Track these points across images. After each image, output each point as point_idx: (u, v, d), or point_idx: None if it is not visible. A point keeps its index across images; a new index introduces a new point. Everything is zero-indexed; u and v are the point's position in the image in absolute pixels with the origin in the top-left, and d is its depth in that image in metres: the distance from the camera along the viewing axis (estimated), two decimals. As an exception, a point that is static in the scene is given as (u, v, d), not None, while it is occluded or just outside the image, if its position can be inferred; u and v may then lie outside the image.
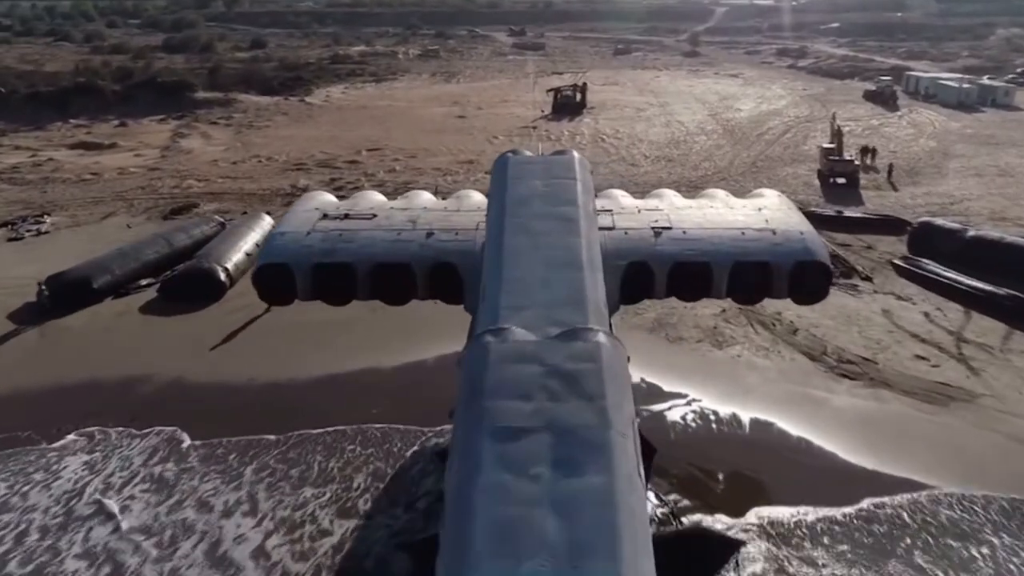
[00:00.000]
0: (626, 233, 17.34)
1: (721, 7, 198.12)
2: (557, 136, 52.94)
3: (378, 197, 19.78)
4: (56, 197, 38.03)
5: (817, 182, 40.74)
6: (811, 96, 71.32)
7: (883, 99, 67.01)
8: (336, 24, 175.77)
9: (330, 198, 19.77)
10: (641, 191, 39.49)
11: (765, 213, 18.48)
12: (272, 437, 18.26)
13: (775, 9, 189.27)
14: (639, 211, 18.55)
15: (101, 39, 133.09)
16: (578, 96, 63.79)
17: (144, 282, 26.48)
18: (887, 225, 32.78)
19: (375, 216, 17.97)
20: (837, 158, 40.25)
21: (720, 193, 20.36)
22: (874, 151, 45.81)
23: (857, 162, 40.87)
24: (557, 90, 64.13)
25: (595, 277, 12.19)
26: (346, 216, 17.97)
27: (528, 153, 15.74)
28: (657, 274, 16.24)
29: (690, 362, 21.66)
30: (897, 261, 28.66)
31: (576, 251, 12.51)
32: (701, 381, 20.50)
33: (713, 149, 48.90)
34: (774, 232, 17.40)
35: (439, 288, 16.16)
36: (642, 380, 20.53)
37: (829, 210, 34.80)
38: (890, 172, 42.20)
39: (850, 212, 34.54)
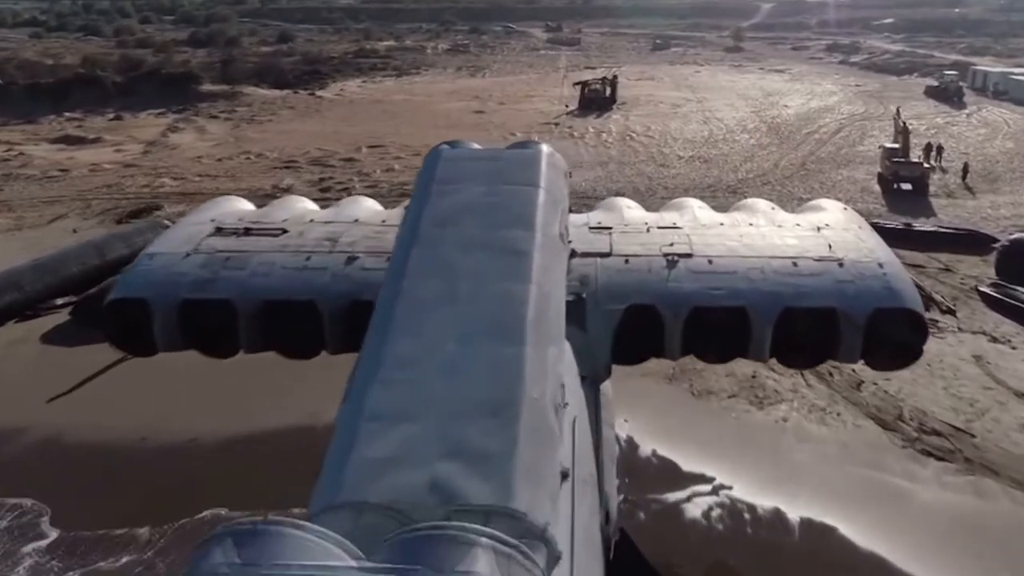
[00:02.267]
0: (627, 262, 12.29)
1: (767, 3, 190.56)
2: (581, 133, 47.76)
3: (304, 205, 14.94)
4: (11, 196, 34.05)
5: (878, 187, 34.98)
6: (866, 92, 64.95)
7: (947, 96, 60.46)
8: (370, 20, 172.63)
9: (241, 206, 14.98)
10: (669, 196, 34.16)
11: (827, 235, 13.21)
12: (144, 531, 13.53)
13: (823, 5, 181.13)
14: (648, 229, 13.46)
15: (130, 34, 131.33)
16: (607, 90, 58.43)
17: (60, 301, 22.04)
18: (968, 242, 27.04)
19: (285, 232, 13.10)
20: (902, 160, 34.39)
21: (762, 204, 15.11)
22: (939, 149, 39.86)
23: (926, 164, 34.92)
24: (584, 84, 58.86)
25: (544, 360, 7.15)
26: (246, 231, 13.13)
27: (475, 146, 10.80)
28: (669, 323, 11.20)
29: (719, 428, 16.40)
30: (985, 288, 22.99)
31: (518, 310, 7.49)
32: (733, 457, 15.24)
33: (756, 149, 43.29)
34: (840, 263, 12.15)
35: (357, 337, 11.16)
36: (653, 453, 15.39)
37: (894, 222, 29.10)
38: (965, 172, 36.30)
39: (921, 225, 28.82)
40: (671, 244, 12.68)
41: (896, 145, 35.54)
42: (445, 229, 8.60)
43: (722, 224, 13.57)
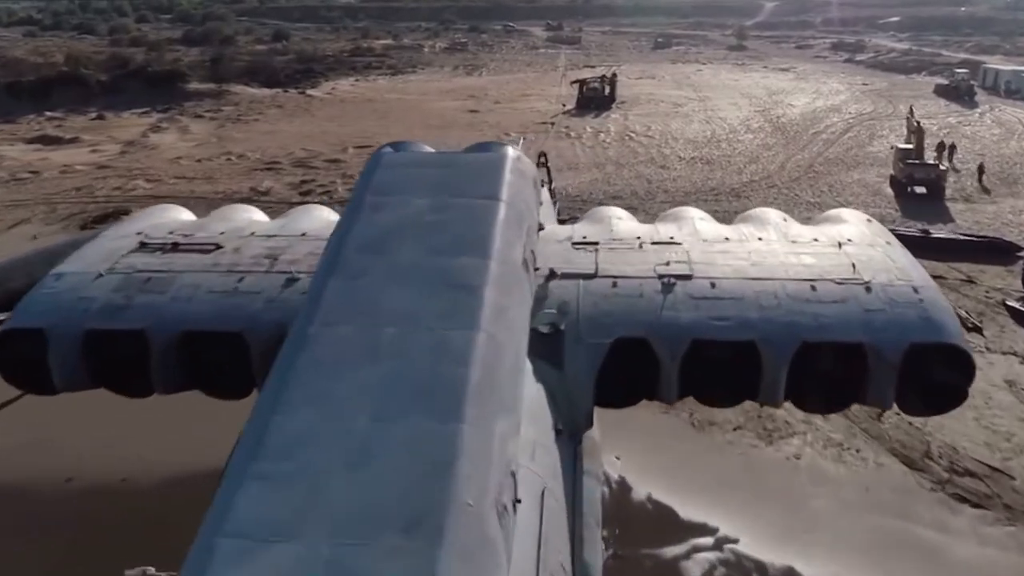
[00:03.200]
0: (615, 285, 10.44)
1: (770, 2, 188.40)
2: (578, 133, 45.85)
3: (249, 215, 13.10)
4: (-26, 199, 32.30)
5: (890, 191, 33.06)
6: (873, 91, 62.96)
7: (958, 94, 58.49)
8: (369, 19, 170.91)
9: (178, 215, 13.15)
10: (670, 200, 32.29)
11: (850, 252, 11.33)
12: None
13: (827, 3, 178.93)
14: (641, 245, 11.59)
15: (125, 32, 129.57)
16: (606, 89, 56.49)
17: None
18: (990, 250, 25.13)
19: (219, 247, 11.23)
20: (917, 161, 32.45)
21: (773, 215, 13.22)
22: (952, 148, 37.94)
23: (943, 166, 32.95)
24: (583, 82, 56.93)
25: (488, 443, 5.29)
26: (174, 247, 11.28)
27: (426, 148, 8.95)
28: (664, 360, 9.33)
29: (723, 466, 14.50)
30: (1013, 303, 21.10)
31: (456, 370, 5.63)
32: (740, 503, 13.34)
33: (761, 149, 41.36)
34: (867, 287, 10.27)
35: None
36: (647, 498, 13.51)
37: (910, 229, 27.18)
38: (980, 173, 34.38)
39: (939, 232, 26.91)
40: (667, 263, 10.82)
41: (909, 146, 33.59)
42: (373, 256, 6.73)
43: (727, 239, 11.70)
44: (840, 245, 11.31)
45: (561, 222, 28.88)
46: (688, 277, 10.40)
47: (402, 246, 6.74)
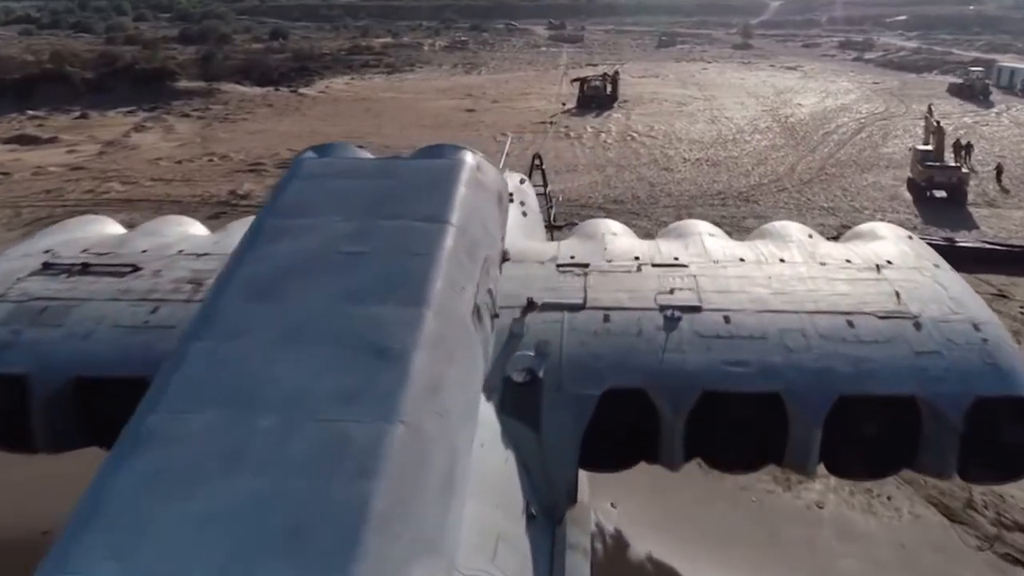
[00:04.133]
0: (607, 319, 8.41)
1: (776, 0, 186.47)
2: (578, 133, 43.95)
3: (183, 229, 11.17)
4: (-64, 202, 30.52)
5: (908, 195, 31.13)
6: (885, 90, 60.98)
7: (973, 93, 56.50)
8: (369, 17, 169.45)
9: (103, 228, 11.19)
10: (674, 204, 30.45)
11: (891, 277, 9.27)
12: None
13: (833, 2, 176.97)
14: (639, 267, 9.59)
15: (122, 31, 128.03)
16: (608, 87, 54.60)
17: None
18: (1021, 260, 23.22)
19: (136, 270, 9.28)
20: (937, 164, 30.50)
21: (794, 230, 11.28)
22: (968, 147, 35.93)
23: (965, 169, 30.97)
24: (583, 80, 55.02)
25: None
26: (83, 268, 9.34)
27: (363, 154, 7.10)
28: (666, 416, 7.29)
29: (735, 517, 12.59)
30: (1052, 321, 19.21)
31: (356, 491, 3.71)
32: (754, 564, 11.46)
33: (769, 151, 39.44)
34: (916, 323, 8.18)
35: None
36: (647, 558, 11.62)
37: (933, 237, 25.28)
38: (999, 174, 32.48)
39: (965, 241, 24.97)
40: (671, 291, 8.88)
41: (929, 147, 31.64)
42: (258, 307, 4.84)
43: (743, 260, 9.76)
44: (879, 268, 9.38)
45: (557, 228, 27.19)
46: (696, 309, 8.50)
47: (302, 292, 4.87)
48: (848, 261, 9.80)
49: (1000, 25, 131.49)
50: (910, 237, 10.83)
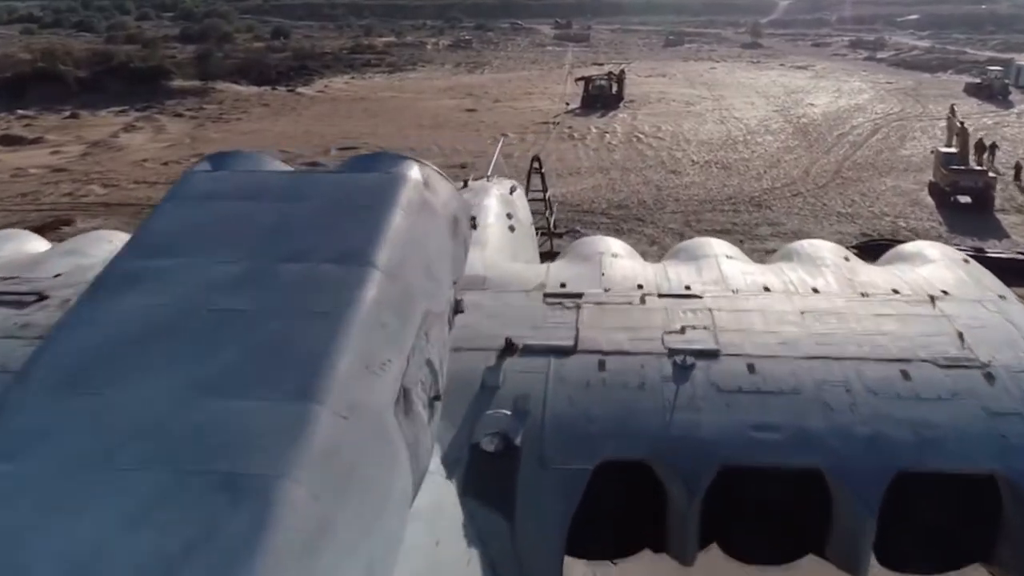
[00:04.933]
0: (602, 366, 6.76)
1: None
2: (582, 134, 42.33)
3: (114, 245, 9.58)
4: (-93, 206, 29.10)
5: (930, 200, 29.40)
6: (899, 90, 59.17)
7: (991, 93, 54.65)
8: (374, 16, 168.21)
9: (22, 246, 9.61)
10: (682, 210, 28.76)
11: (951, 312, 7.54)
12: None
13: (843, 1, 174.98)
14: (643, 299, 7.94)
15: (123, 29, 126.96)
16: (614, 87, 52.92)
17: None
18: (1058, 272, 21.49)
19: (41, 299, 7.61)
20: (962, 167, 28.76)
21: (827, 251, 9.59)
22: (992, 148, 34.19)
23: (992, 173, 29.18)
24: (588, 80, 53.36)
25: None
26: (-23, 297, 7.70)
27: (276, 165, 5.51)
28: (677, 497, 5.52)
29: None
30: (1099, 342, 17.46)
31: None
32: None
33: (782, 152, 37.75)
34: (987, 373, 6.43)
35: None
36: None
37: (960, 247, 23.60)
38: (1017, 173, 30.79)
39: (995, 251, 23.26)
40: (681, 330, 7.24)
41: (953, 150, 29.90)
42: (67, 401, 3.25)
43: (768, 289, 8.12)
44: (933, 300, 7.72)
45: (557, 235, 25.58)
46: (713, 355, 6.88)
47: (135, 380, 3.27)
48: (895, 291, 8.12)
49: (1014, 24, 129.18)
50: (966, 260, 9.12)
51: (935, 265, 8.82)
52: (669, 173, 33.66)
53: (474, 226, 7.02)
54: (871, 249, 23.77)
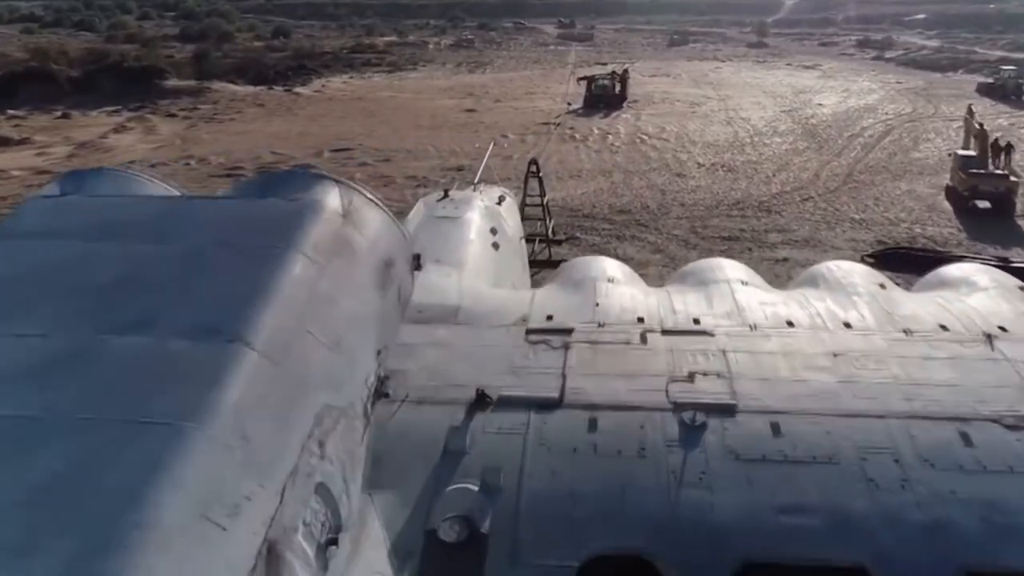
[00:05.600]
0: (593, 426, 5.43)
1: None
2: (583, 135, 41.07)
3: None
4: None
5: (947, 205, 28.09)
6: (910, 90, 57.81)
7: (1004, 93, 53.24)
8: (376, 16, 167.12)
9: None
10: (687, 215, 27.47)
11: (1011, 355, 6.22)
12: None
13: (850, 0, 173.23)
14: (644, 336, 6.68)
15: (123, 29, 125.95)
16: (617, 86, 51.63)
17: None
18: (1088, 284, 20.17)
19: None
20: (981, 171, 27.43)
21: (859, 275, 8.25)
22: (1008, 148, 32.72)
23: (1014, 177, 27.79)
24: (591, 79, 52.09)
25: None
26: None
27: (149, 187, 4.36)
28: None
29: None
30: None
31: None
32: None
33: (790, 155, 36.45)
34: None
35: None
36: None
37: (982, 256, 22.32)
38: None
39: (1020, 261, 21.92)
40: (689, 377, 6.07)
41: (972, 153, 28.57)
42: None
43: (791, 324, 6.93)
44: (990, 340, 6.51)
45: (556, 242, 24.27)
46: (729, 410, 5.73)
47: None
48: (943, 327, 6.84)
49: (1023, 24, 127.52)
50: (1022, 288, 7.85)
51: (986, 293, 7.55)
52: (674, 176, 32.39)
53: (418, 267, 5.79)
54: (888, 258, 22.55)
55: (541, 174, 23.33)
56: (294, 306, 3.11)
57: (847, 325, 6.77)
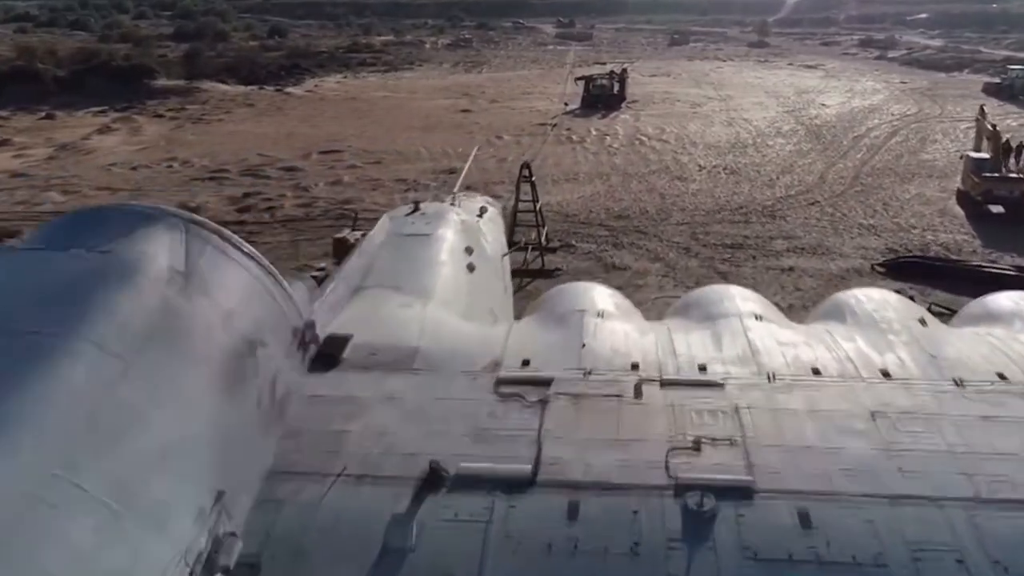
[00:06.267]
0: (573, 514, 4.08)
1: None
2: (581, 137, 39.85)
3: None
4: None
5: (959, 210, 26.89)
6: (914, 90, 56.64)
7: (1012, 94, 52.12)
8: (375, 15, 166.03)
9: None
10: (688, 221, 26.19)
11: None
12: None
13: None
14: (639, 389, 5.40)
15: (118, 28, 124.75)
16: (615, 86, 50.45)
17: None
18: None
19: None
20: (995, 175, 26.23)
21: (893, 308, 6.84)
22: (1019, 150, 31.55)
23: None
24: (588, 79, 50.91)
25: None
26: None
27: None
28: None
29: None
30: None
31: None
32: None
33: (794, 156, 35.27)
34: None
35: None
36: None
37: (1000, 265, 21.18)
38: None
39: (1043, 271, 20.74)
40: (695, 445, 4.85)
41: (985, 155, 27.38)
42: None
43: (816, 372, 5.73)
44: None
45: (550, 251, 23.04)
46: (746, 493, 4.58)
47: None
48: (1001, 377, 5.66)
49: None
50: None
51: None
52: (674, 179, 31.20)
53: (310, 340, 4.61)
54: (900, 267, 21.39)
55: (534, 178, 22.18)
56: (58, 437, 1.96)
57: (885, 374, 5.60)
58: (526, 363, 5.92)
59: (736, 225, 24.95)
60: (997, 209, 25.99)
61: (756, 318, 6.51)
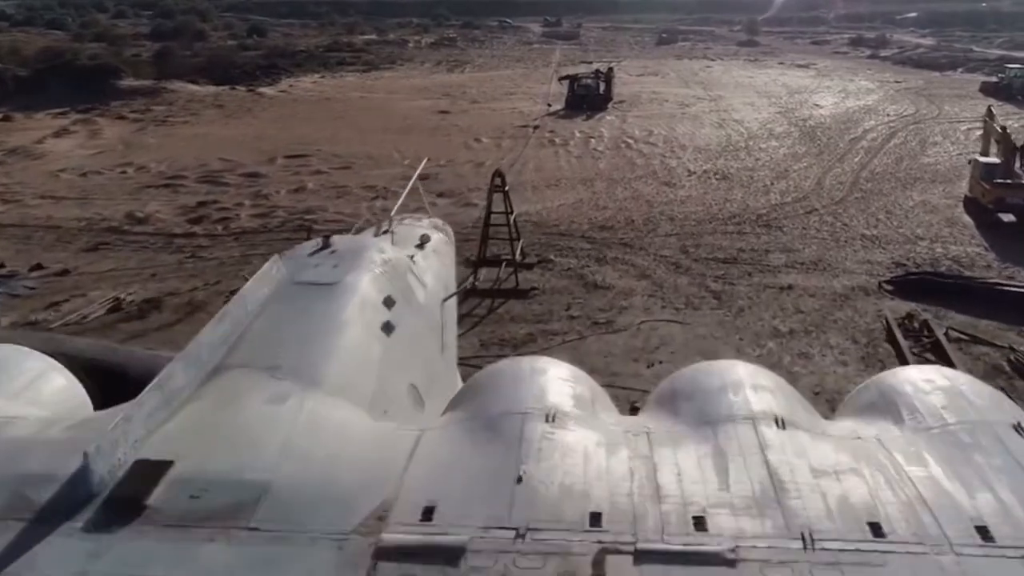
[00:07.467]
0: None
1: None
2: (564, 139, 37.76)
3: None
4: None
5: (967, 218, 24.99)
6: (909, 90, 54.90)
7: (1010, 93, 50.47)
8: (358, 14, 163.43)
9: None
10: (677, 232, 23.70)
11: None
12: None
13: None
14: (598, 559, 3.47)
15: (95, 27, 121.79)
16: (601, 86, 48.45)
17: None
18: None
19: None
20: (1007, 181, 24.35)
21: (978, 408, 4.97)
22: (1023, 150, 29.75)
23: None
24: (573, 78, 48.89)
25: None
26: None
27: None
28: None
29: None
30: None
31: None
32: None
33: (789, 160, 33.35)
34: None
35: None
36: None
37: (1015, 281, 19.29)
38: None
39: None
40: None
41: (995, 160, 25.52)
42: None
43: (879, 533, 3.64)
44: None
45: (526, 267, 20.90)
46: None
47: None
48: None
49: (1016, 22, 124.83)
50: None
51: None
52: (662, 185, 29.20)
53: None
54: (909, 284, 19.46)
55: (508, 187, 20.17)
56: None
57: (984, 534, 3.57)
58: (428, 513, 3.84)
59: (729, 236, 22.98)
60: (1009, 218, 24.12)
61: (777, 423, 4.42)
